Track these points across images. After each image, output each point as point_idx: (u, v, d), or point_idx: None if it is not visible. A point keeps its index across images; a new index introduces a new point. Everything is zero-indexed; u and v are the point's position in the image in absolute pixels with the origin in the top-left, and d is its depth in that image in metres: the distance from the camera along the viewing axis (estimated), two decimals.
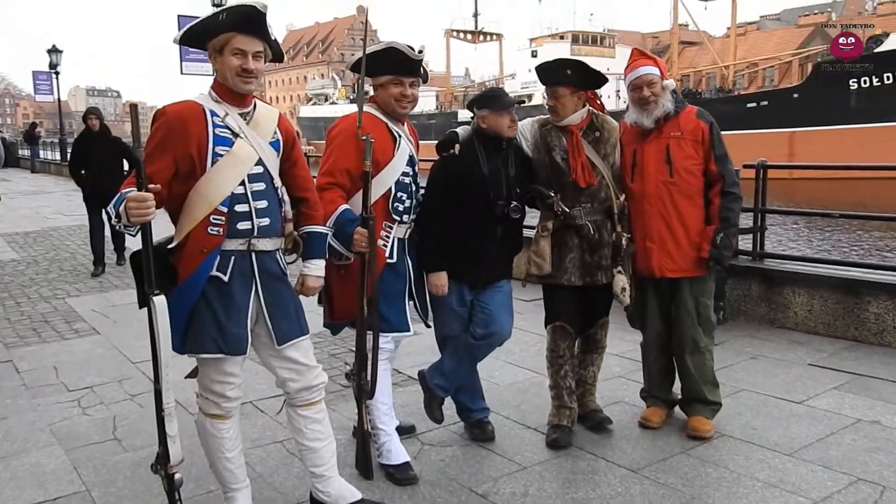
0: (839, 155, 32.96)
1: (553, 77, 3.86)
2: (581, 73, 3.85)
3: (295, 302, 3.09)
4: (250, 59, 2.87)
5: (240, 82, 2.88)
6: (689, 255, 3.86)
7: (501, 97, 3.79)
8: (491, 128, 3.76)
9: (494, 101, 3.76)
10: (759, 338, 5.79)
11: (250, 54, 2.86)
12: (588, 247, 3.86)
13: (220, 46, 2.86)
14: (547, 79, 3.90)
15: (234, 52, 2.84)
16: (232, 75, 2.86)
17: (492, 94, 3.82)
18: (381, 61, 3.50)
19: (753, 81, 52.71)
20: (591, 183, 3.83)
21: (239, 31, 2.83)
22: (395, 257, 3.61)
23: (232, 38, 2.83)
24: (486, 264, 3.79)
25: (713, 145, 3.82)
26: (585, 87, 3.90)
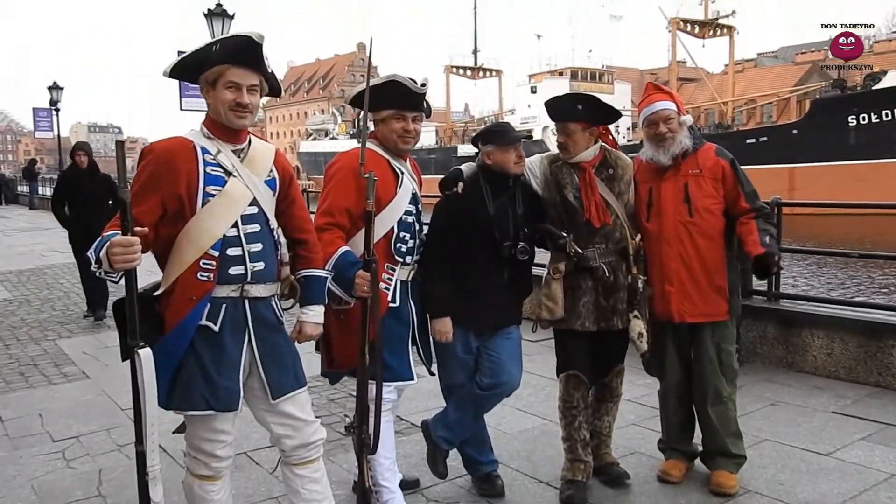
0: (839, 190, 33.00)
1: (564, 112, 3.69)
2: (593, 107, 3.68)
3: (291, 352, 2.87)
4: (245, 92, 2.69)
5: (233, 117, 2.70)
6: (711, 299, 3.65)
7: (507, 132, 3.62)
8: (496, 164, 3.57)
9: (500, 136, 3.58)
10: (778, 382, 5.55)
11: (245, 87, 2.69)
12: (603, 290, 3.65)
13: (212, 79, 2.68)
14: (557, 114, 3.72)
15: (227, 85, 2.67)
16: (225, 110, 2.68)
17: (497, 129, 3.65)
18: (382, 95, 3.33)
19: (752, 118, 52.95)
20: (606, 222, 3.63)
21: (233, 64, 2.66)
22: (398, 301, 3.41)
23: (225, 70, 2.66)
24: (493, 309, 3.58)
25: (740, 182, 3.65)
26: (598, 122, 3.72)
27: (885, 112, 35.84)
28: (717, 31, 51.28)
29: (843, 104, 37.19)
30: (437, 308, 3.55)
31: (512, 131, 3.62)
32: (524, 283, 3.70)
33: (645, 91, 3.82)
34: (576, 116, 3.64)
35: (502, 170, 3.56)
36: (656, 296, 3.71)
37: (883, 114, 35.95)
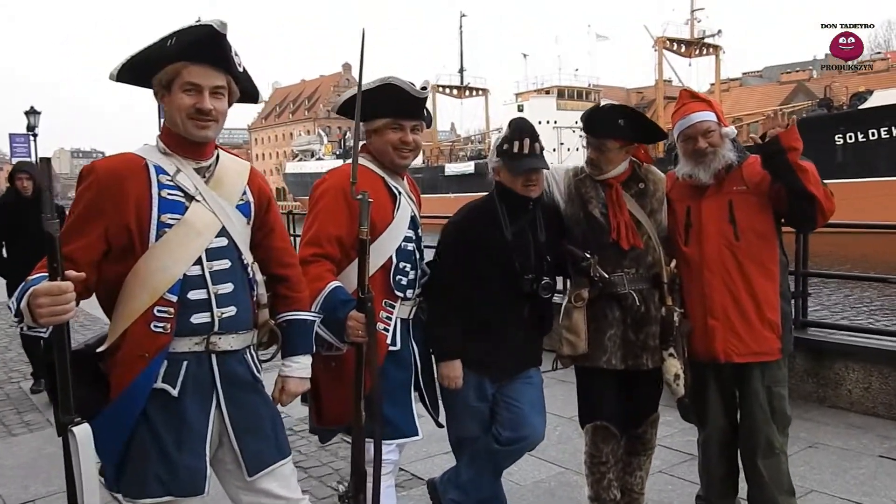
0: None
1: (603, 127, 3.20)
2: (636, 124, 3.21)
3: (271, 415, 2.35)
4: (206, 96, 2.17)
5: (193, 127, 2.18)
6: (761, 336, 3.14)
7: (520, 158, 3.01)
8: (506, 183, 3.08)
9: (511, 159, 3.03)
10: (812, 420, 5.04)
11: (207, 90, 2.18)
12: (632, 322, 3.15)
13: (167, 81, 2.17)
14: (595, 129, 3.22)
15: (184, 87, 2.16)
16: (183, 118, 2.17)
17: (511, 145, 3.03)
18: (376, 101, 2.82)
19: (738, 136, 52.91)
20: (636, 245, 3.14)
21: (191, 61, 2.15)
22: (399, 343, 2.90)
23: (182, 69, 2.15)
24: (512, 350, 3.08)
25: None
26: (638, 140, 3.25)
27: (872, 131, 35.91)
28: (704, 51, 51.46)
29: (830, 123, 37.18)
30: (443, 350, 3.05)
31: (526, 158, 3.01)
32: (546, 317, 3.20)
33: (679, 100, 3.32)
34: (616, 133, 3.17)
35: (515, 191, 3.06)
36: (697, 332, 3.21)
37: (869, 133, 36.03)
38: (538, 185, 3.07)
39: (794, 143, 2.95)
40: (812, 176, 2.98)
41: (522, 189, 3.03)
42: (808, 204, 3.01)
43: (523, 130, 3.06)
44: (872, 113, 35.71)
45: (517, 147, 3.02)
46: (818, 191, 2.98)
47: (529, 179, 3.02)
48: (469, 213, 3.18)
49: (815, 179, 2.98)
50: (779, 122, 3.04)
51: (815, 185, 2.98)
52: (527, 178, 3.02)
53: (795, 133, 2.98)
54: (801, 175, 2.95)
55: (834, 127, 36.85)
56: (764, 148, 3.03)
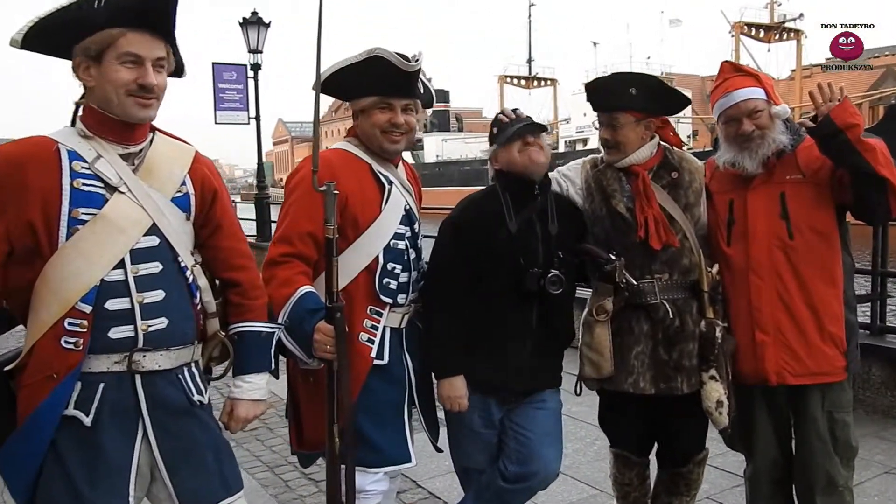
0: None
1: (610, 98, 2.76)
2: (651, 91, 2.74)
3: (215, 445, 2.00)
4: (149, 69, 1.84)
5: (133, 106, 1.85)
6: (821, 353, 2.64)
7: (508, 125, 2.70)
8: (504, 166, 2.68)
9: (499, 133, 2.70)
10: (889, 439, 4.44)
11: (149, 62, 1.84)
12: (664, 337, 2.69)
13: (96, 51, 1.82)
14: (603, 102, 2.80)
15: (122, 58, 1.82)
16: (121, 95, 1.84)
17: (497, 124, 2.76)
18: (361, 77, 2.45)
19: None
20: (670, 243, 2.67)
21: (130, 27, 1.81)
22: (388, 357, 2.52)
23: (119, 37, 1.81)
24: (520, 366, 2.65)
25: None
26: (656, 112, 2.78)
27: None
28: (784, 36, 49.21)
29: None
30: (442, 365, 2.66)
31: (514, 123, 2.68)
32: (562, 326, 2.75)
33: (720, 73, 2.81)
34: (627, 104, 2.72)
35: (514, 170, 2.66)
36: (742, 349, 2.72)
37: None
38: (541, 151, 2.65)
39: (849, 118, 2.44)
40: (881, 155, 2.45)
41: (522, 159, 2.63)
42: (878, 189, 2.48)
43: (505, 110, 2.75)
44: None
45: (503, 121, 2.69)
46: (890, 172, 2.45)
47: (526, 142, 2.63)
48: (467, 206, 2.78)
49: (885, 159, 2.46)
50: (826, 95, 2.51)
51: (886, 165, 2.45)
52: (523, 142, 2.63)
53: (850, 107, 2.46)
54: (867, 155, 2.43)
55: None
56: (817, 131, 2.52)
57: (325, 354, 2.23)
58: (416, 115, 2.59)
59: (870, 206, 2.56)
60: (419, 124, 2.76)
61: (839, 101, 2.48)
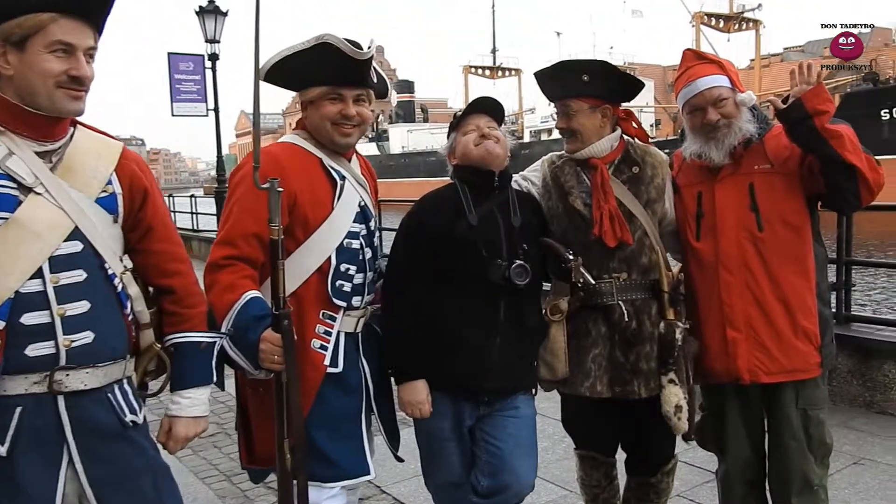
0: None
1: (564, 87, 2.64)
2: (604, 78, 2.63)
3: (152, 468, 1.85)
4: (82, 59, 1.67)
5: (64, 99, 1.69)
6: (795, 349, 2.55)
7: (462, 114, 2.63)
8: (461, 159, 2.56)
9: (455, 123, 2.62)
10: (857, 429, 4.41)
11: (81, 52, 1.66)
12: (620, 340, 2.59)
13: (20, 37, 1.63)
14: (555, 90, 2.68)
15: (52, 47, 1.64)
16: (49, 87, 1.66)
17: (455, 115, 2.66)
18: (309, 66, 2.29)
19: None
20: (625, 241, 2.57)
21: (62, 12, 1.64)
22: (342, 363, 2.37)
23: (49, 23, 1.63)
24: (490, 363, 2.51)
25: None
26: (611, 98, 2.66)
27: None
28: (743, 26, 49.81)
29: (876, 98, 35.65)
30: (403, 369, 2.51)
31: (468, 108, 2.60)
32: (531, 321, 2.60)
33: (682, 61, 2.69)
34: (580, 91, 2.60)
35: (471, 163, 2.53)
36: (714, 347, 2.62)
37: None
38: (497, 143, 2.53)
39: (820, 105, 2.34)
40: (849, 142, 2.36)
41: (478, 151, 2.51)
42: (848, 177, 2.40)
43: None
44: None
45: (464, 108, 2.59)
46: (857, 159, 2.37)
47: (482, 134, 2.51)
48: (426, 202, 2.64)
49: (852, 146, 2.37)
50: (805, 77, 2.42)
51: (854, 151, 2.37)
52: (479, 134, 2.51)
53: (823, 93, 2.37)
54: (834, 142, 2.34)
55: (880, 102, 35.34)
56: (785, 114, 2.42)
57: (272, 365, 2.07)
58: (370, 105, 2.43)
59: (840, 195, 2.47)
60: (384, 115, 2.60)
61: (813, 85, 2.38)
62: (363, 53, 2.26)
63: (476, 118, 2.55)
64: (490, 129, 2.53)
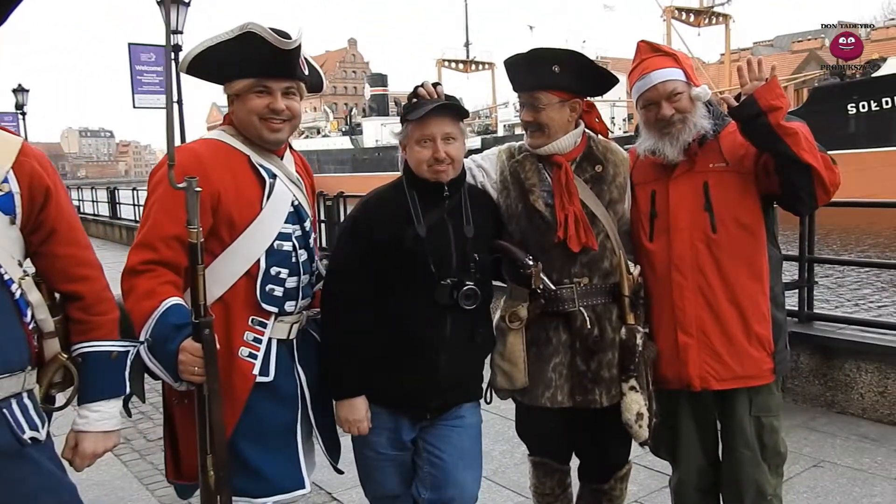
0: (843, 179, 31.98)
1: (533, 78, 2.50)
2: (575, 69, 2.50)
3: (54, 488, 1.71)
4: None
5: None
6: (748, 354, 2.47)
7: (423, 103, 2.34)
8: (411, 165, 2.40)
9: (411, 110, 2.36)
10: (818, 430, 4.37)
11: None
12: (582, 348, 2.48)
13: None
14: (523, 81, 2.54)
15: None
16: None
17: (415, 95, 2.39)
18: (234, 57, 2.15)
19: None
20: (589, 245, 2.45)
21: None
22: (273, 372, 2.23)
23: None
24: (433, 381, 2.38)
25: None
26: (582, 91, 2.54)
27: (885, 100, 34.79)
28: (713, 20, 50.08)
29: (843, 92, 36.07)
30: (341, 384, 2.39)
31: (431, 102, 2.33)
32: (481, 334, 2.48)
33: (636, 54, 2.58)
34: (550, 83, 2.46)
35: (420, 176, 2.38)
36: (665, 352, 2.53)
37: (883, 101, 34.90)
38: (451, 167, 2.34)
39: (773, 100, 2.25)
40: (804, 139, 2.27)
41: (430, 174, 2.34)
42: (803, 176, 2.30)
43: (425, 83, 2.39)
44: (887, 81, 34.58)
45: (421, 95, 2.36)
46: (813, 158, 2.27)
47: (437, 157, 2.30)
48: (370, 203, 2.48)
49: (808, 144, 2.27)
50: (755, 73, 2.32)
51: (810, 150, 2.27)
52: (434, 157, 2.31)
53: (776, 88, 2.27)
54: (789, 140, 2.25)
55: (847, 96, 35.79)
56: (738, 112, 2.32)
57: (192, 377, 1.94)
58: (300, 99, 2.30)
59: (795, 194, 2.37)
60: (357, 109, 2.43)
61: (766, 81, 2.29)
62: (289, 43, 2.13)
63: (435, 124, 2.31)
64: (447, 142, 2.32)
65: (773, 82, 2.29)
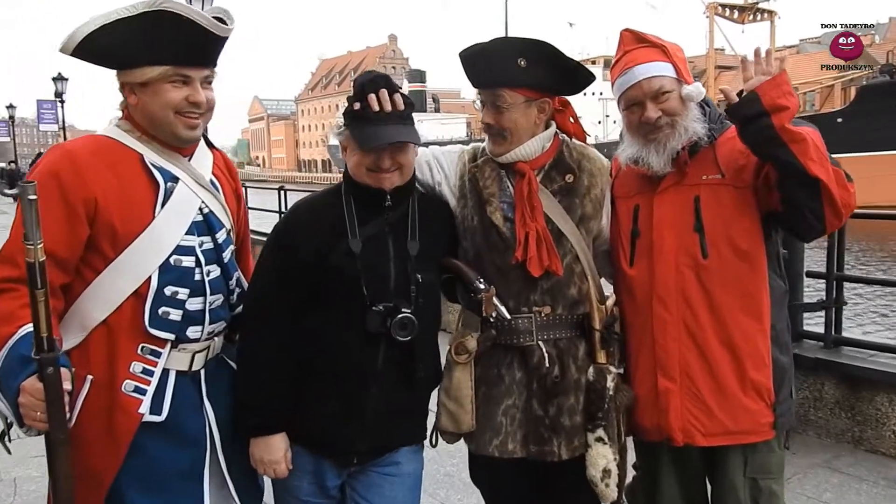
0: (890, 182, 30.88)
1: (495, 73, 2.12)
2: (545, 63, 2.11)
3: None
4: None
5: None
6: (741, 406, 2.05)
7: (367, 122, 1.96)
8: (351, 171, 2.06)
9: (355, 123, 2.00)
10: (842, 471, 3.89)
11: None
12: (540, 389, 2.10)
13: None
14: (484, 76, 2.16)
15: None
16: None
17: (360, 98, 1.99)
18: (143, 38, 1.83)
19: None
20: (553, 269, 2.07)
21: None
22: (168, 409, 1.90)
23: None
24: (360, 422, 2.03)
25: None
26: (553, 89, 2.15)
27: None
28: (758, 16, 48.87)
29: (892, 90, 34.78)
30: (256, 420, 2.04)
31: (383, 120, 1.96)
32: (423, 365, 2.09)
33: (619, 45, 2.17)
34: (515, 79, 2.08)
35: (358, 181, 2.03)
36: (643, 397, 2.13)
37: None
38: (398, 174, 2.01)
39: (779, 99, 1.84)
40: (813, 148, 1.85)
41: (372, 181, 2.00)
42: (810, 192, 1.89)
43: (375, 81, 2.00)
44: None
45: (364, 105, 1.97)
46: (823, 171, 1.85)
47: (382, 168, 1.97)
48: (298, 210, 2.14)
49: (818, 153, 1.86)
50: (761, 66, 1.91)
51: (819, 161, 1.85)
52: (376, 160, 1.97)
53: (784, 84, 1.86)
54: (795, 147, 1.83)
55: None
56: (737, 110, 1.91)
57: (33, 423, 1.61)
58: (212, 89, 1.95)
59: (799, 215, 1.94)
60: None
61: (773, 75, 1.88)
62: (223, 28, 1.80)
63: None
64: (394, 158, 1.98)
65: (781, 77, 1.88)
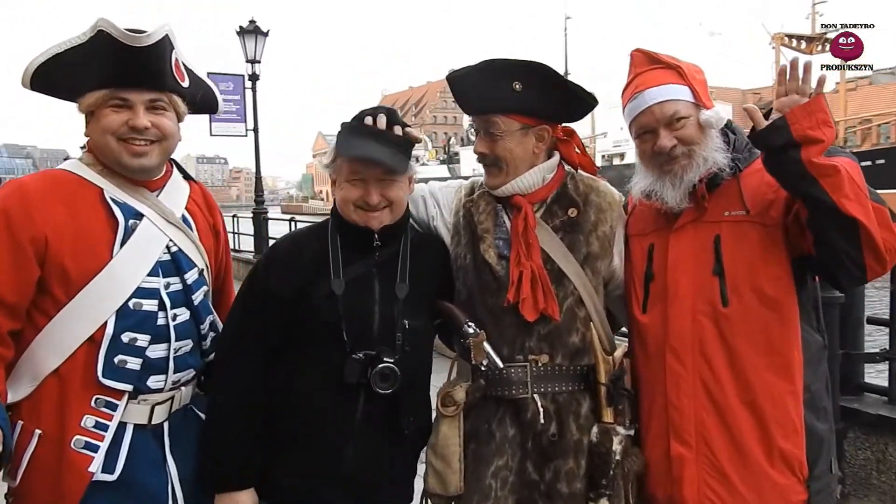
0: None
1: (487, 98, 1.95)
2: (542, 87, 1.93)
3: None
4: None
5: None
6: (768, 478, 1.79)
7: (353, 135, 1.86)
8: (338, 207, 1.92)
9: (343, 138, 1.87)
10: None
11: None
12: (534, 449, 1.89)
13: None
14: (475, 101, 1.99)
15: None
16: None
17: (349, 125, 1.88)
18: (83, 64, 1.73)
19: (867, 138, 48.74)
20: (548, 313, 1.85)
21: None
22: (121, 468, 1.75)
23: None
24: (338, 478, 1.84)
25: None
26: (551, 116, 1.97)
27: None
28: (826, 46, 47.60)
29: None
30: (223, 475, 1.88)
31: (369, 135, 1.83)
32: (411, 420, 1.91)
33: (631, 66, 1.98)
34: (509, 104, 1.91)
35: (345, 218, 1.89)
36: (653, 464, 1.89)
37: None
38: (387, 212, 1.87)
39: (811, 130, 1.59)
40: (848, 183, 1.60)
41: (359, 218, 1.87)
42: (845, 234, 1.64)
43: (378, 108, 1.91)
44: None
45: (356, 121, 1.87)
46: (861, 209, 1.61)
47: (370, 205, 1.83)
48: (279, 247, 2.01)
49: (853, 189, 1.61)
50: (798, 85, 1.67)
51: (856, 198, 1.61)
52: (364, 195, 1.83)
53: (820, 111, 1.62)
54: (826, 182, 1.59)
55: None
56: (763, 137, 1.68)
57: None
58: (177, 114, 1.83)
59: (835, 259, 1.69)
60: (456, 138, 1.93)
61: (809, 99, 1.65)
62: (141, 38, 1.67)
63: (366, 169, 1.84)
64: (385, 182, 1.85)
65: (818, 103, 1.64)
